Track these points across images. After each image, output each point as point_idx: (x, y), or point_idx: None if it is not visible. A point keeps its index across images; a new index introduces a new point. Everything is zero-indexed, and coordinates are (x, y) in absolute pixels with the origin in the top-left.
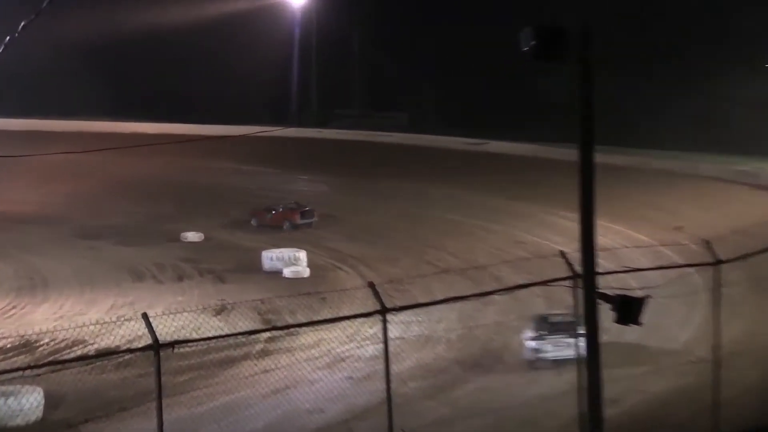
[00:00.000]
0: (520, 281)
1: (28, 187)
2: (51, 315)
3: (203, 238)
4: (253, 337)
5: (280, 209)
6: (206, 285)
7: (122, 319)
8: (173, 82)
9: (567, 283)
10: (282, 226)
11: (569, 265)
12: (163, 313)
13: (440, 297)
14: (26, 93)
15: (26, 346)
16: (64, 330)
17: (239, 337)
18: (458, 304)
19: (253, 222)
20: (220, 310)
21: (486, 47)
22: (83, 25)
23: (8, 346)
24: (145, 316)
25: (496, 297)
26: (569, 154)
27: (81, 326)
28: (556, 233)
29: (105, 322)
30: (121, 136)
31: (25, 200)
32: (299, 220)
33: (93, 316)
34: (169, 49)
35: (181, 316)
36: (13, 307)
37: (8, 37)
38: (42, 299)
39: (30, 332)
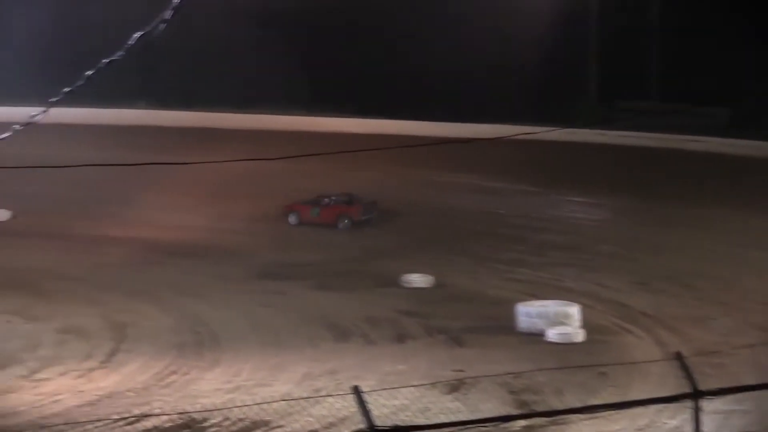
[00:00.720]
0: None
1: (193, 207)
2: (223, 385)
3: (433, 282)
4: (503, 425)
5: (331, 202)
6: (436, 349)
7: (320, 393)
8: (391, 64)
9: None
10: (336, 224)
11: None
12: (378, 387)
13: None
14: (192, 77)
15: (190, 426)
16: (241, 406)
17: (484, 424)
18: None
19: (292, 219)
20: (455, 386)
21: None
22: None
23: (167, 425)
24: (356, 390)
25: None
26: None
27: (264, 402)
28: None
29: (297, 398)
30: (320, 137)
31: (187, 225)
32: (360, 216)
33: (280, 388)
34: (387, 20)
35: (402, 392)
36: (173, 372)
37: (176, 0)
38: (211, 362)
39: (196, 407)
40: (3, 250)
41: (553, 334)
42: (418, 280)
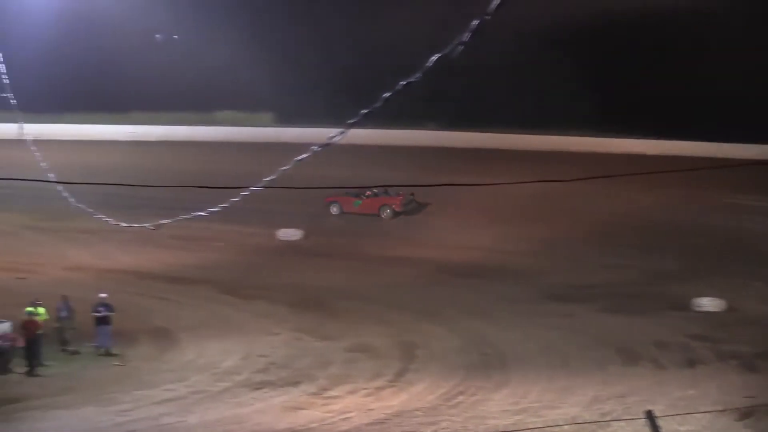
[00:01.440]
0: None
1: (477, 228)
2: (510, 406)
3: (725, 306)
4: None
5: (373, 194)
6: (728, 374)
7: (608, 417)
8: (684, 85)
9: None
10: (379, 214)
11: None
12: (668, 412)
13: None
14: (482, 98)
15: None
16: (532, 429)
17: None
18: None
19: (334, 210)
20: (747, 413)
21: None
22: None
23: None
24: (649, 415)
25: None
26: None
27: (553, 425)
28: None
29: (585, 422)
30: (610, 158)
31: (472, 245)
32: (402, 207)
33: (568, 410)
34: (677, 41)
35: (693, 417)
36: (461, 393)
37: (475, 21)
38: (498, 383)
39: (483, 428)
40: (295, 269)
41: None
42: (709, 303)
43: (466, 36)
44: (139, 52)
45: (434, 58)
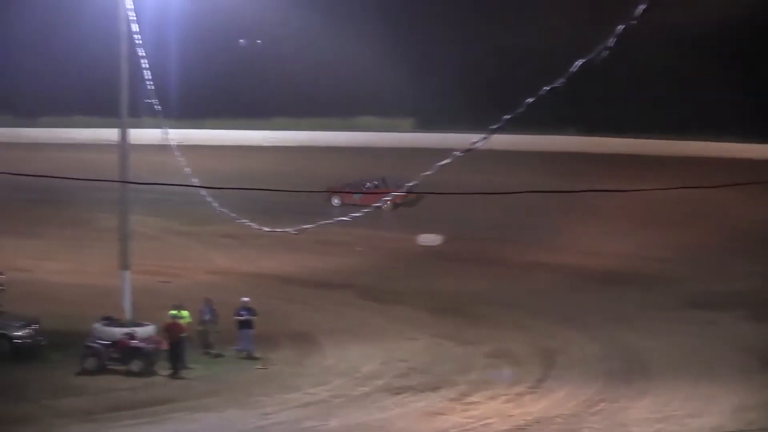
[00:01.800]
0: None
1: (616, 233)
2: (652, 414)
3: None
4: None
5: (372, 186)
6: None
7: (753, 426)
8: None
9: None
10: (379, 205)
11: None
12: None
13: None
14: (623, 103)
15: None
16: None
17: None
18: None
19: (335, 201)
20: None
21: None
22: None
23: None
24: None
25: None
26: None
27: None
28: None
29: (729, 431)
30: (753, 164)
31: (611, 251)
32: (400, 199)
33: (711, 419)
34: None
35: None
36: (602, 400)
37: (620, 26)
38: (640, 391)
39: None
40: (434, 274)
41: None
42: None
43: (611, 41)
44: (281, 58)
45: (579, 63)
